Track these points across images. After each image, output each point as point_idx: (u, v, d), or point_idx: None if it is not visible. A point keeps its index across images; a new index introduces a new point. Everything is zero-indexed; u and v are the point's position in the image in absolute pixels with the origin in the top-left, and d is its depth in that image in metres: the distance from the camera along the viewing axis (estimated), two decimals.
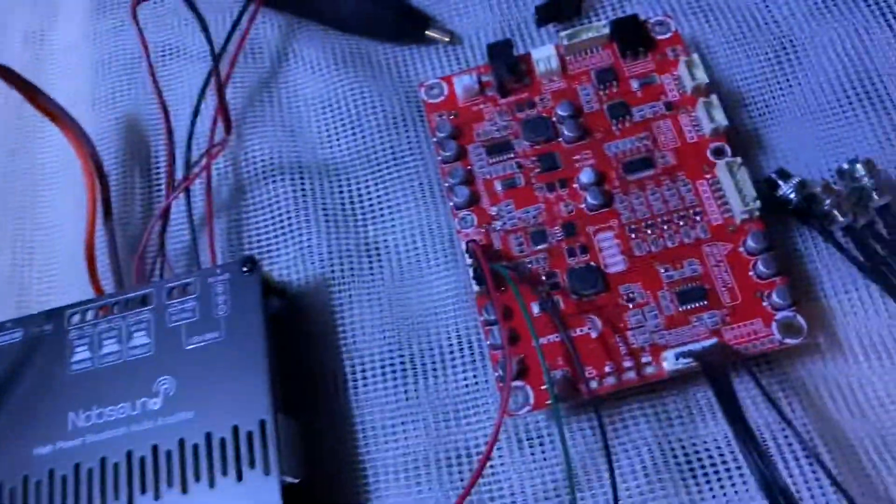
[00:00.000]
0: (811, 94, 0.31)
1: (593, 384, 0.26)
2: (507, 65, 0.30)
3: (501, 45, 0.30)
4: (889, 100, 0.31)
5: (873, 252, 0.28)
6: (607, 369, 0.26)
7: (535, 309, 0.27)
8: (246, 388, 0.26)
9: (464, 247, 0.28)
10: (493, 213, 0.29)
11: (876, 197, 0.28)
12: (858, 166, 0.28)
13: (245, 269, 0.27)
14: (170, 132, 0.32)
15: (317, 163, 0.33)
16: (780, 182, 0.29)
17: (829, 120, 0.31)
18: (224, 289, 0.27)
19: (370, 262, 0.31)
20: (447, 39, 0.34)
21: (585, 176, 0.28)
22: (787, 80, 0.32)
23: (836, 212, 0.28)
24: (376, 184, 0.32)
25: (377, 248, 0.31)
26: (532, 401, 0.26)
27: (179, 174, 0.32)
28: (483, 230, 0.28)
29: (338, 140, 0.33)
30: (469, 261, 0.27)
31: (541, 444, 0.27)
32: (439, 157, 0.30)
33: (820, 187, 0.28)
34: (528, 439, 0.27)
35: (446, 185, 0.29)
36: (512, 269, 0.27)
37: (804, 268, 0.29)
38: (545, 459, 0.27)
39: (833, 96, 0.31)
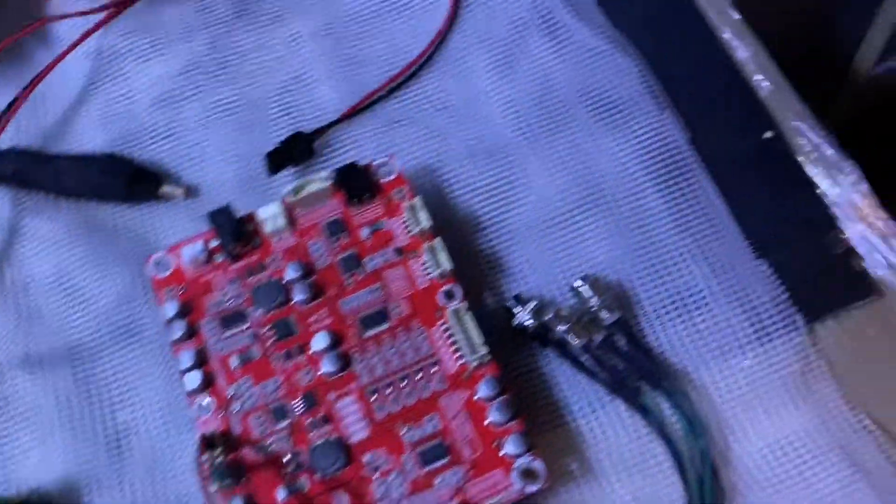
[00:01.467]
0: (543, 208, 0.32)
1: None
2: (229, 232, 0.29)
3: (220, 213, 0.29)
4: (615, 203, 0.32)
5: (613, 367, 0.29)
6: None
7: (283, 494, 0.26)
8: None
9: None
10: (231, 394, 0.27)
11: (606, 315, 0.29)
12: (585, 288, 0.29)
13: None
14: None
15: (51, 351, 0.31)
16: (516, 309, 0.29)
17: (564, 232, 0.31)
18: None
19: (120, 460, 0.29)
20: (180, 193, 0.33)
21: (317, 342, 0.28)
22: (518, 197, 0.32)
23: (569, 337, 0.28)
24: (122, 367, 0.30)
25: (128, 441, 0.29)
26: None
27: None
28: (222, 415, 0.27)
29: (75, 321, 0.31)
30: (204, 457, 0.26)
31: None
32: (170, 340, 0.29)
33: (552, 314, 0.29)
34: None
35: (179, 370, 0.28)
36: None
37: (550, 392, 0.29)
38: None
39: (564, 208, 0.32)
